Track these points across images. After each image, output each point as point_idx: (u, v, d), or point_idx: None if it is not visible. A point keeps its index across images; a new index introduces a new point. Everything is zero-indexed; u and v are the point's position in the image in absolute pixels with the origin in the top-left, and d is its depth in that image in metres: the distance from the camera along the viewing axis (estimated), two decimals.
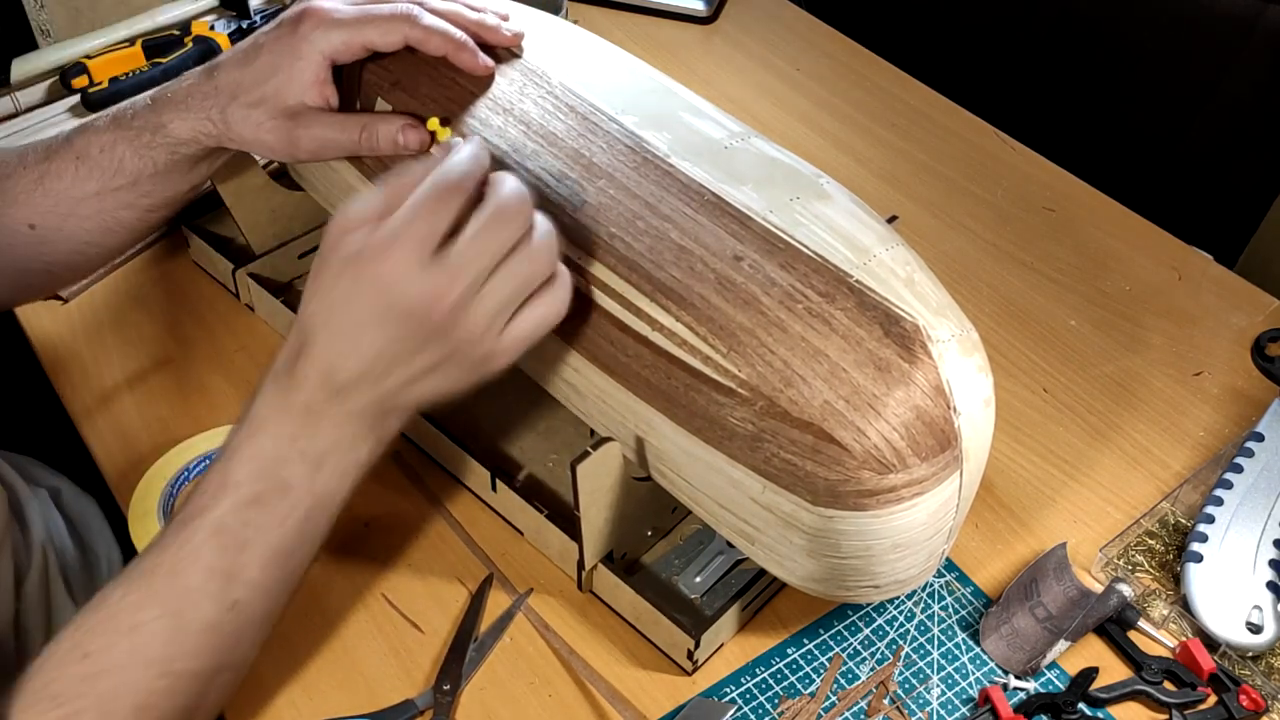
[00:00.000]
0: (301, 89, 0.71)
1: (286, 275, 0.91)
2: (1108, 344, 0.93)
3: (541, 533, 0.74)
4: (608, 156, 0.66)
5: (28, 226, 0.72)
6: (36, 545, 0.77)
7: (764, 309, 0.60)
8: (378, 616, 0.71)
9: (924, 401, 0.59)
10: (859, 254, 0.62)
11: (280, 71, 0.70)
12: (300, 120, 0.71)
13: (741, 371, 0.60)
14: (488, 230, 0.57)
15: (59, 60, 1.07)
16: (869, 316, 0.60)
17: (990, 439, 0.64)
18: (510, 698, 0.68)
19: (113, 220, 0.74)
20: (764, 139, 0.70)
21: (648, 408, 0.63)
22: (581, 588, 0.73)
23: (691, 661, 0.68)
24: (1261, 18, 1.17)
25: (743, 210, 0.63)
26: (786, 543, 0.62)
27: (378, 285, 0.56)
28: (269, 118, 0.71)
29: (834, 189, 0.67)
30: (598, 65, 0.74)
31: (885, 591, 0.65)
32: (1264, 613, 0.72)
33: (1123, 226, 1.04)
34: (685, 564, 0.74)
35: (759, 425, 0.59)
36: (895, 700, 0.69)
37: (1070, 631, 0.70)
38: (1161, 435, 0.86)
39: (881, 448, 0.58)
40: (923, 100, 1.18)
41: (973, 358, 0.62)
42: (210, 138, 0.73)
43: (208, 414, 0.82)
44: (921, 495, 0.59)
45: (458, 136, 0.69)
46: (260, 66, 0.71)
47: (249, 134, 0.72)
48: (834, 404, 0.58)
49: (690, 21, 1.28)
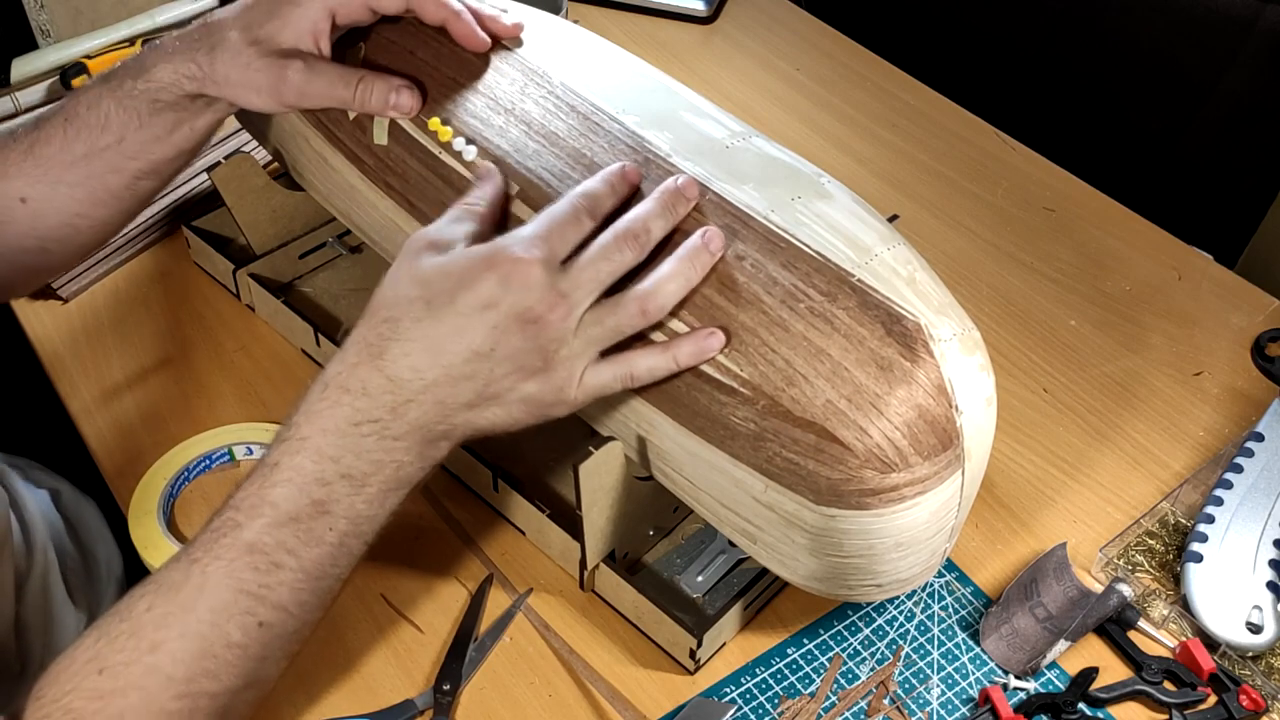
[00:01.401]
0: (297, 35, 0.69)
1: (287, 275, 0.91)
2: (1108, 344, 0.93)
3: (543, 532, 0.74)
4: (609, 156, 0.66)
5: (19, 200, 0.71)
6: (37, 547, 0.77)
7: (766, 308, 0.60)
8: (378, 617, 0.71)
9: (926, 400, 0.59)
10: (861, 253, 0.62)
11: (277, 16, 0.69)
12: (292, 64, 0.69)
13: (744, 371, 0.60)
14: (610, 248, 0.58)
15: (59, 60, 1.07)
16: (871, 315, 0.60)
17: (992, 438, 0.64)
18: (510, 698, 0.68)
19: (101, 187, 0.73)
20: (765, 138, 0.70)
21: (650, 407, 0.63)
22: (583, 587, 0.73)
23: (694, 660, 0.68)
24: (1261, 18, 1.17)
25: (744, 210, 0.63)
26: (789, 542, 0.62)
27: (504, 280, 0.56)
28: (259, 56, 0.69)
29: (835, 188, 0.67)
30: (599, 65, 0.74)
31: (887, 590, 0.65)
32: (1264, 613, 0.72)
33: (1123, 226, 1.04)
34: (687, 563, 0.74)
35: (761, 424, 0.59)
36: (895, 700, 0.69)
37: (1070, 631, 0.70)
38: (1161, 435, 0.86)
39: (884, 447, 0.58)
40: (923, 100, 1.18)
41: (974, 356, 0.62)
42: (192, 80, 0.70)
43: (208, 414, 0.82)
44: (924, 494, 0.60)
45: (460, 137, 0.70)
46: (258, 8, 0.69)
47: (236, 73, 0.69)
48: (836, 403, 0.58)
49: (690, 21, 1.28)
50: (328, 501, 0.56)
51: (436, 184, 0.70)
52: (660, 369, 0.60)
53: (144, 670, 0.53)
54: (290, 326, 0.86)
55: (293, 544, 0.56)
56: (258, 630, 0.55)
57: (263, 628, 0.55)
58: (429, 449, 0.59)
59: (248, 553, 0.55)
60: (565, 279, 0.57)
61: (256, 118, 0.83)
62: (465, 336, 0.56)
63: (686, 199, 0.62)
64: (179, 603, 0.54)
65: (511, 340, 0.57)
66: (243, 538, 0.55)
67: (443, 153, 0.70)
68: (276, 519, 0.55)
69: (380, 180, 0.73)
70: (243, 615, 0.55)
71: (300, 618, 0.57)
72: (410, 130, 0.72)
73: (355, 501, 0.57)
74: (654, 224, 0.60)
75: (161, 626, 0.54)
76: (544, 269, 0.56)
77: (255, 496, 0.56)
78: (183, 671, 0.53)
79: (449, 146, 0.70)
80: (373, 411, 0.56)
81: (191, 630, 0.54)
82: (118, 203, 0.75)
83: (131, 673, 0.53)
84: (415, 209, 0.71)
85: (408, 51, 0.73)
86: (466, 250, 0.58)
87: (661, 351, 0.60)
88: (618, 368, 0.60)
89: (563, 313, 0.57)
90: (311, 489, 0.56)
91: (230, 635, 0.54)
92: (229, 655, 0.55)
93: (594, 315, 0.58)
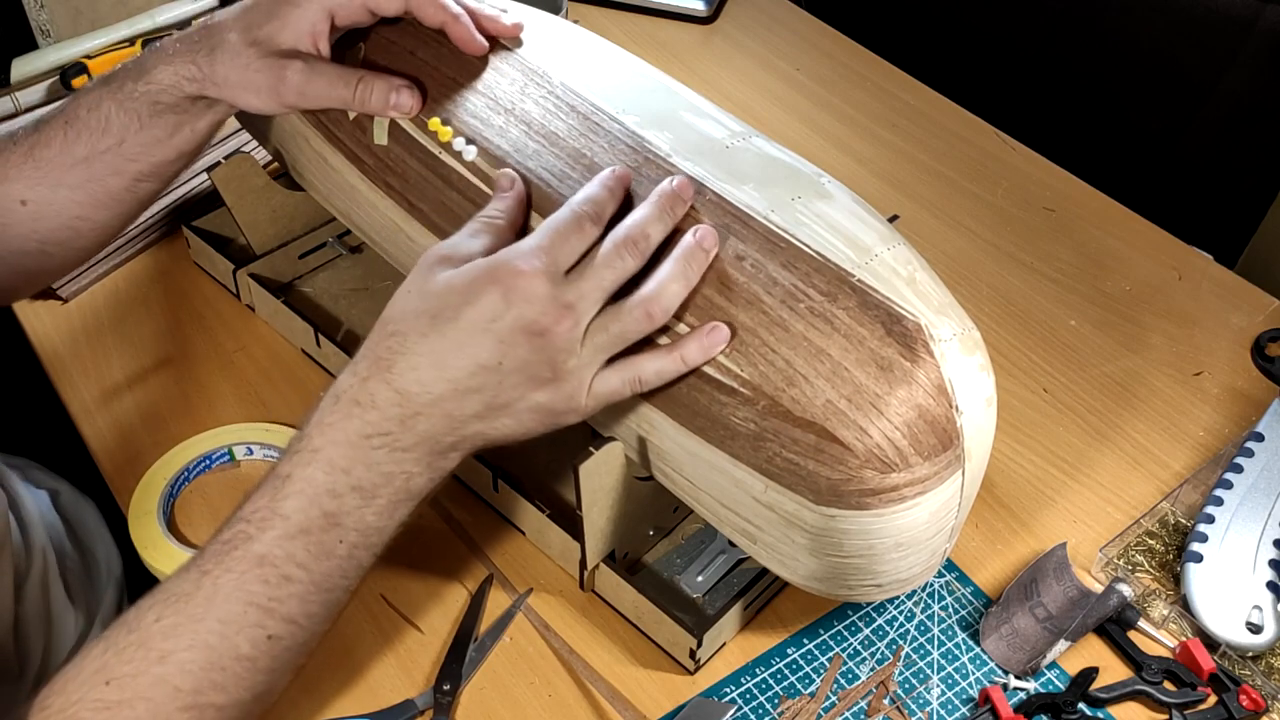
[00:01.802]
0: (296, 36, 0.69)
1: (287, 275, 0.91)
2: (1108, 344, 0.93)
3: (543, 533, 0.74)
4: (610, 156, 0.66)
5: (20, 203, 0.72)
6: (36, 548, 0.77)
7: (766, 309, 0.60)
8: (378, 617, 0.71)
9: (926, 400, 0.59)
10: (861, 253, 0.62)
11: (276, 17, 0.69)
12: (292, 64, 0.69)
13: (744, 371, 0.60)
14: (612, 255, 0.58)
15: (59, 60, 1.07)
16: (871, 316, 0.60)
17: (992, 438, 0.64)
18: (510, 698, 0.68)
19: (101, 190, 0.73)
20: (765, 138, 0.70)
21: (650, 407, 0.63)
22: (583, 587, 0.73)
23: (694, 660, 0.68)
24: (1261, 18, 1.17)
25: (744, 210, 0.63)
26: (789, 542, 0.62)
27: (507, 294, 0.56)
28: (259, 57, 0.69)
29: (835, 188, 0.67)
30: (598, 65, 0.74)
31: (888, 590, 0.65)
32: (1264, 613, 0.72)
33: (1123, 226, 1.04)
34: (687, 563, 0.74)
35: (761, 425, 0.59)
36: (895, 700, 0.69)
37: (1070, 631, 0.70)
38: (1161, 435, 0.86)
39: (884, 447, 0.58)
40: (923, 100, 1.18)
41: (974, 356, 0.62)
42: (192, 82, 0.70)
43: (208, 414, 0.82)
44: (924, 494, 0.60)
45: (460, 137, 0.70)
46: (257, 10, 0.70)
47: (235, 74, 0.69)
48: (836, 403, 0.58)
49: (690, 21, 1.28)
50: (338, 514, 0.56)
51: (436, 184, 0.70)
52: (668, 371, 0.60)
53: (151, 681, 0.53)
54: (290, 327, 0.86)
55: (303, 557, 0.56)
56: (266, 643, 0.55)
57: (271, 640, 0.55)
58: (438, 460, 0.59)
59: (258, 565, 0.55)
60: (570, 289, 0.57)
61: (256, 118, 0.83)
62: (470, 350, 0.56)
63: (683, 200, 0.62)
64: (188, 614, 0.54)
65: (519, 352, 0.57)
66: (253, 550, 0.55)
67: (443, 153, 0.70)
68: (287, 531, 0.55)
69: (380, 180, 0.73)
70: (252, 628, 0.55)
71: (309, 629, 0.57)
72: (410, 130, 0.72)
73: (365, 513, 0.57)
74: (653, 229, 0.60)
75: (170, 637, 0.53)
76: (547, 280, 0.57)
77: (266, 509, 0.56)
78: (190, 683, 0.53)
79: (449, 147, 0.70)
80: (382, 424, 0.57)
81: (200, 642, 0.54)
82: (118, 205, 0.75)
83: (139, 684, 0.53)
84: (415, 209, 0.71)
85: (408, 51, 0.73)
86: (472, 264, 0.58)
87: (668, 353, 0.60)
88: (625, 372, 0.60)
89: (569, 324, 0.57)
90: (323, 500, 0.56)
91: (239, 648, 0.54)
92: (237, 668, 0.55)
93: (600, 323, 0.58)
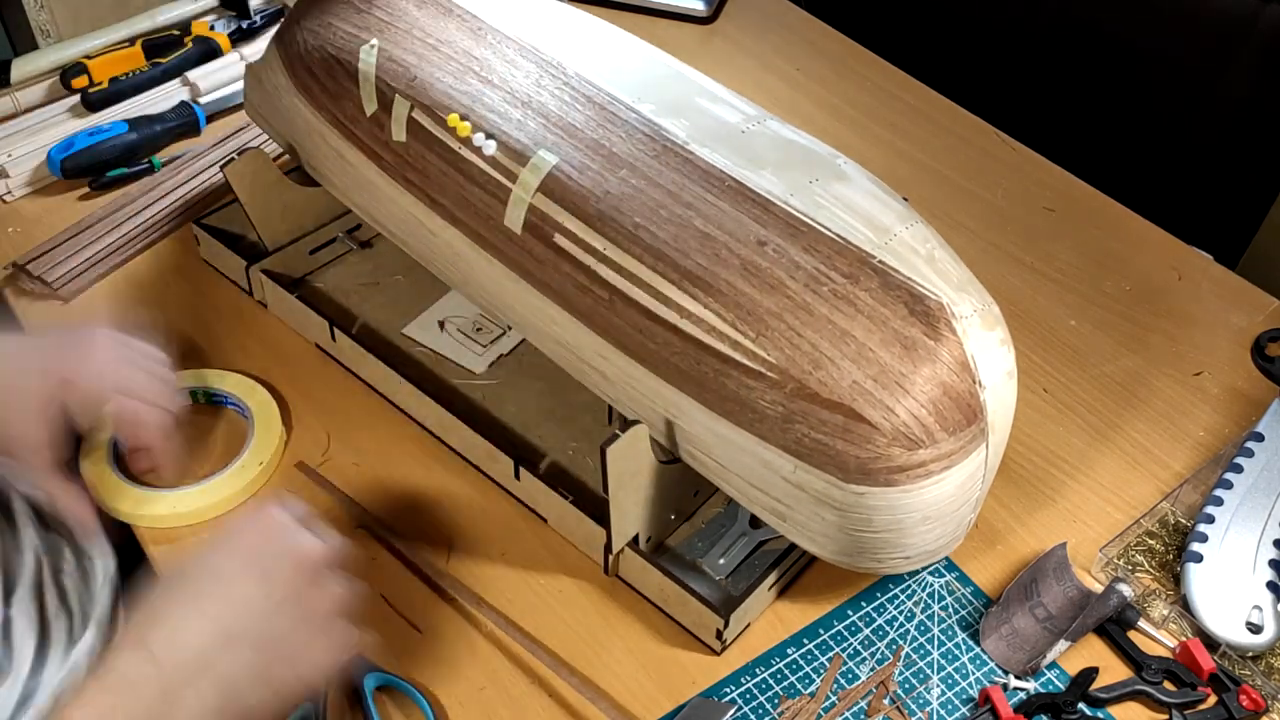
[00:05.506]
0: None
1: (298, 271, 0.91)
2: (1108, 344, 0.93)
3: (565, 519, 0.74)
4: (628, 146, 0.67)
5: None
6: (28, 552, 0.76)
7: (790, 293, 0.61)
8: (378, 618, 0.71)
9: (950, 377, 0.60)
10: (880, 234, 0.63)
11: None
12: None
13: (770, 355, 0.60)
14: None
15: (59, 60, 1.07)
16: (893, 296, 0.61)
17: (1014, 409, 0.65)
18: (510, 698, 0.68)
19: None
20: (779, 120, 0.71)
21: (677, 393, 0.64)
22: (608, 571, 0.73)
23: (720, 641, 0.69)
24: (1260, 17, 1.17)
25: (764, 195, 0.64)
26: (819, 519, 0.63)
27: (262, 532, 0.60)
28: None
29: (851, 169, 0.68)
30: (610, 52, 0.75)
31: (915, 561, 0.66)
32: (1264, 613, 0.72)
33: (1123, 226, 1.04)
34: (708, 547, 0.74)
35: (789, 407, 0.60)
36: (895, 700, 0.69)
37: (1070, 631, 0.70)
38: (1161, 435, 0.86)
39: (910, 424, 0.59)
40: (923, 100, 1.18)
41: (995, 331, 0.63)
42: None
43: None
44: (950, 469, 0.61)
45: (480, 132, 0.70)
46: None
47: None
48: (862, 383, 0.59)
49: (690, 21, 1.28)
50: None
51: (458, 179, 0.71)
52: None
53: None
54: (305, 322, 0.86)
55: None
56: None
57: None
58: None
59: None
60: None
61: (267, 110, 0.83)
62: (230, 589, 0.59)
63: None
64: None
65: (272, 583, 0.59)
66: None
67: (462, 148, 0.70)
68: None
69: (400, 176, 0.74)
70: None
71: None
72: (429, 126, 0.72)
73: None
74: None
75: None
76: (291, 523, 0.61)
77: None
78: None
79: (468, 142, 0.70)
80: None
81: None
82: None
83: None
84: (436, 204, 0.72)
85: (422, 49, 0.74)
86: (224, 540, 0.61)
87: None
88: None
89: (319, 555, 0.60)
90: None
91: None
92: None
93: None
